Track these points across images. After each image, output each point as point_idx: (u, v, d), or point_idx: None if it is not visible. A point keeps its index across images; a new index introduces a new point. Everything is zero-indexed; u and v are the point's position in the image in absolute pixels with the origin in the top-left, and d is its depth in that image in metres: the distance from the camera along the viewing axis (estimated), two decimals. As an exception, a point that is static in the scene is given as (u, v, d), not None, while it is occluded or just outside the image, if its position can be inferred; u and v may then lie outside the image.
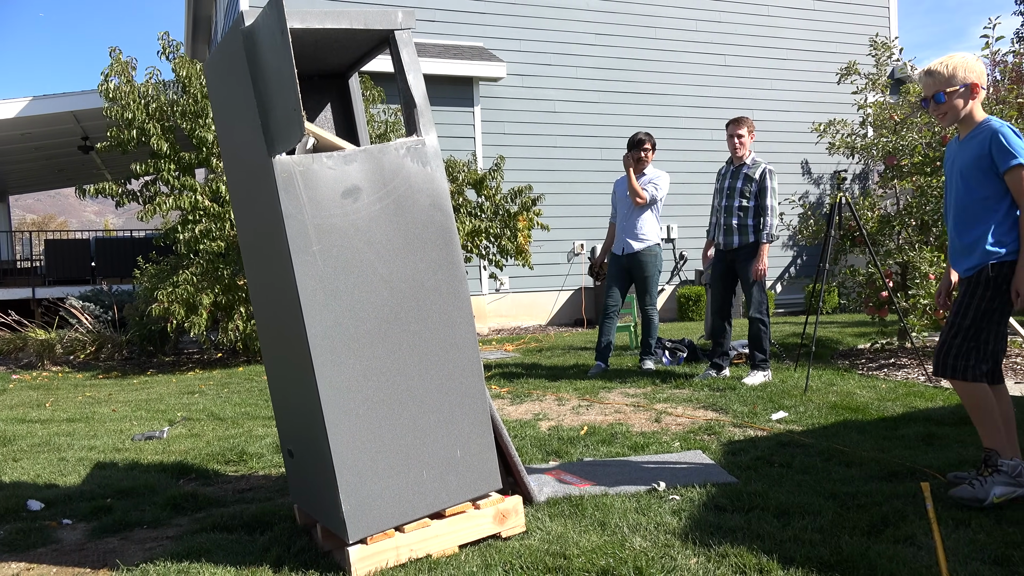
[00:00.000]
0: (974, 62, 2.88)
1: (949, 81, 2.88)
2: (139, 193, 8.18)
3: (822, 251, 5.73)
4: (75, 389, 7.10)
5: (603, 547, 2.58)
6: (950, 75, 2.87)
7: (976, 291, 2.88)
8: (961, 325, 2.90)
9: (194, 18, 15.49)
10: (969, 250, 2.93)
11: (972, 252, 2.91)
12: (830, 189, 13.37)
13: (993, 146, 2.82)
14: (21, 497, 3.46)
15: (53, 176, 19.11)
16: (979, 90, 2.88)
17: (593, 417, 4.74)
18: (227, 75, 2.66)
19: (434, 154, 2.70)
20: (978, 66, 2.88)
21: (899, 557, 2.40)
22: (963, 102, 2.89)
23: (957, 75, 2.86)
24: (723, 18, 12.82)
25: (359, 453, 2.50)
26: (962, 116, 2.92)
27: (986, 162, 2.84)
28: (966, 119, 2.93)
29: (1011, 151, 2.78)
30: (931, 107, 2.94)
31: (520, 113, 11.61)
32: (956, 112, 2.91)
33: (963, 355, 2.89)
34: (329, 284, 2.48)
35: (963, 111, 2.90)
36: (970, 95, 2.88)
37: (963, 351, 2.89)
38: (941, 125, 3.02)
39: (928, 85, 2.93)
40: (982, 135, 2.87)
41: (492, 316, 11.44)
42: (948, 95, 2.88)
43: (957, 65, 2.87)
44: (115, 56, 8.06)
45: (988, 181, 2.85)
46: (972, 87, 2.86)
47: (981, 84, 2.88)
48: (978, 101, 2.90)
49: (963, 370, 2.88)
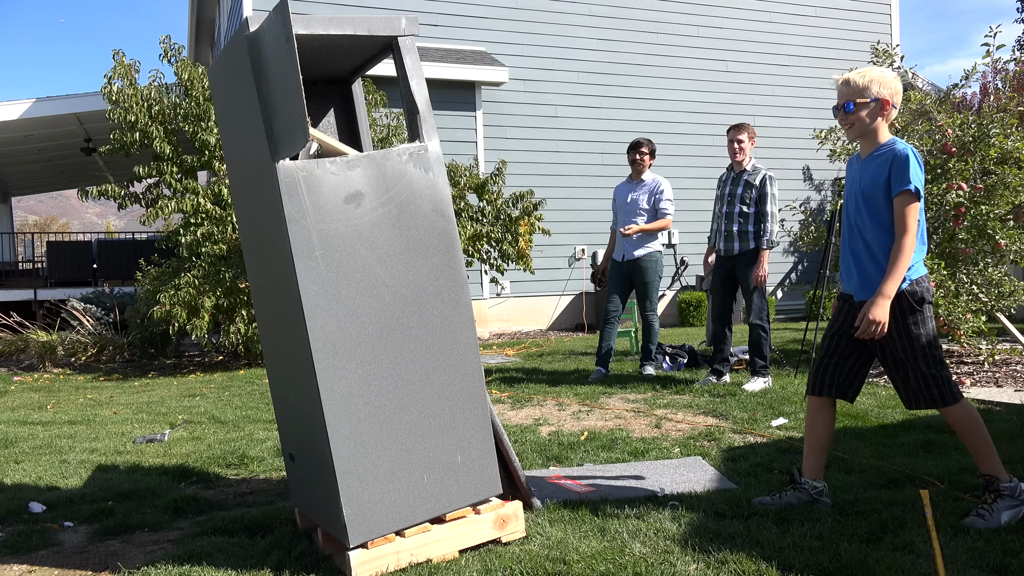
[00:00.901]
0: (891, 79, 2.84)
1: (862, 92, 2.83)
2: (142, 196, 8.20)
3: (823, 257, 5.74)
4: (76, 391, 7.11)
5: (603, 553, 2.58)
6: (864, 86, 2.83)
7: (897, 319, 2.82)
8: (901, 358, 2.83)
9: (197, 21, 15.54)
10: (870, 276, 2.88)
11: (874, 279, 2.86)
12: (831, 195, 13.39)
13: (893, 168, 2.78)
14: (23, 499, 3.47)
15: (55, 178, 19.16)
16: (889, 108, 2.83)
17: (593, 422, 4.75)
18: (231, 80, 2.67)
19: (436, 160, 2.72)
20: (894, 84, 2.84)
21: (898, 564, 2.41)
22: (871, 118, 2.85)
23: (871, 88, 2.82)
24: (725, 24, 12.86)
25: (360, 457, 2.51)
26: (867, 131, 2.88)
27: (886, 184, 2.81)
28: (870, 135, 2.88)
29: (907, 176, 2.75)
30: (840, 116, 2.91)
31: (522, 118, 11.63)
32: (863, 125, 2.87)
33: (936, 383, 2.81)
34: (331, 289, 2.49)
35: (869, 126, 2.86)
36: (879, 111, 2.83)
37: (934, 379, 2.81)
38: (847, 136, 2.98)
39: (841, 93, 2.90)
40: (884, 155, 2.83)
41: (493, 320, 11.45)
42: (857, 106, 2.84)
43: (873, 79, 2.83)
44: (118, 59, 8.08)
45: (888, 204, 2.82)
46: (883, 103, 2.82)
47: (892, 103, 2.83)
48: (886, 120, 2.86)
49: (939, 398, 2.82)
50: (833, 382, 2.97)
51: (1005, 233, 6.20)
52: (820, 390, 2.99)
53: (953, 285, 6.23)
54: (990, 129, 6.33)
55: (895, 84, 2.86)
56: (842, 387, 2.97)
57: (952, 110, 6.89)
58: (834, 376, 2.97)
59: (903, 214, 2.77)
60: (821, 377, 2.99)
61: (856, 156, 3.03)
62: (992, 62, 6.78)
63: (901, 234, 2.77)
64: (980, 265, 6.42)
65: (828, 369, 2.98)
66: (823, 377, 2.99)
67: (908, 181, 2.75)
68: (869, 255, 2.89)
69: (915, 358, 2.82)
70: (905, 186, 2.76)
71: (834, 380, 2.97)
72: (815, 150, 11.96)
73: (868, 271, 2.89)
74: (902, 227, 2.77)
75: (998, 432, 4.07)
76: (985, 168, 6.49)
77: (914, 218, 2.77)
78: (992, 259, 6.49)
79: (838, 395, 2.98)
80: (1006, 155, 6.37)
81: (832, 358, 2.98)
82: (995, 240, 6.20)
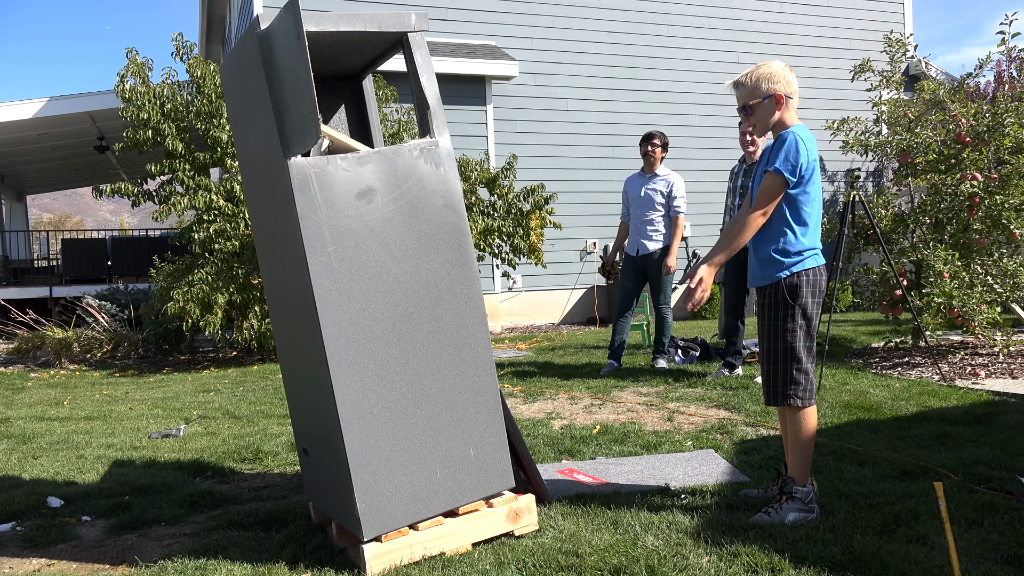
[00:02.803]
0: (779, 72, 2.79)
1: (752, 93, 2.80)
2: (155, 193, 8.25)
3: (836, 249, 5.71)
4: (92, 387, 7.18)
5: (615, 545, 2.59)
6: (753, 86, 2.80)
7: (774, 309, 2.80)
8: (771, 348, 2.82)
9: (208, 18, 15.59)
10: (756, 261, 2.87)
11: (761, 265, 2.84)
12: (844, 187, 13.31)
13: (772, 148, 2.76)
14: (41, 494, 3.51)
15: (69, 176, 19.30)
16: (784, 100, 2.78)
17: (606, 416, 4.76)
18: (243, 78, 2.69)
19: (447, 155, 2.72)
20: (782, 75, 2.79)
21: (911, 557, 2.40)
22: (768, 114, 2.80)
23: (760, 87, 2.79)
24: (736, 15, 12.78)
25: (374, 452, 2.52)
26: (770, 127, 2.84)
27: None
28: (778, 127, 2.84)
29: (778, 157, 2.71)
30: (743, 118, 2.89)
31: (533, 112, 11.62)
32: (764, 123, 2.83)
33: (791, 380, 2.80)
34: (344, 284, 2.51)
35: (771, 122, 2.82)
36: (775, 106, 2.79)
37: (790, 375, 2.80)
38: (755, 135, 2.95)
39: (737, 97, 2.86)
40: (776, 142, 2.78)
41: (505, 315, 11.46)
42: (752, 107, 2.81)
43: (760, 76, 2.79)
44: (131, 57, 8.13)
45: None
46: (776, 98, 2.78)
47: (786, 94, 2.78)
48: (787, 110, 2.80)
49: (792, 396, 2.80)
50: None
51: (1020, 223, 6.15)
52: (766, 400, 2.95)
53: (967, 276, 6.19)
54: (1005, 118, 6.27)
55: (784, 75, 2.80)
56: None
57: (966, 100, 6.83)
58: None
59: (762, 190, 2.75)
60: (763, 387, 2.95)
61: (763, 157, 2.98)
62: (1007, 50, 6.71)
63: (753, 208, 2.75)
64: (995, 256, 6.38)
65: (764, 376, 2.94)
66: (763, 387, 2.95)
67: (775, 162, 2.72)
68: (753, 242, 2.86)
69: (776, 351, 2.80)
70: (772, 165, 2.73)
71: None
72: (828, 141, 11.84)
73: (753, 258, 2.88)
74: (757, 203, 2.75)
75: (1013, 423, 4.05)
76: (1000, 158, 6.43)
77: (771, 199, 2.74)
78: (1007, 249, 6.43)
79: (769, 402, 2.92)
80: (1021, 144, 6.31)
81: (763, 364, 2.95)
82: (1010, 230, 6.15)
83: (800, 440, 2.81)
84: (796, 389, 2.80)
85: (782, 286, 2.79)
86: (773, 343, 2.82)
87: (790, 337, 2.79)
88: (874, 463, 3.47)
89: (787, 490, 2.80)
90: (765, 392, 2.88)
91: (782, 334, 2.80)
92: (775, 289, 2.81)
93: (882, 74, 7.14)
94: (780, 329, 2.80)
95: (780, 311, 2.80)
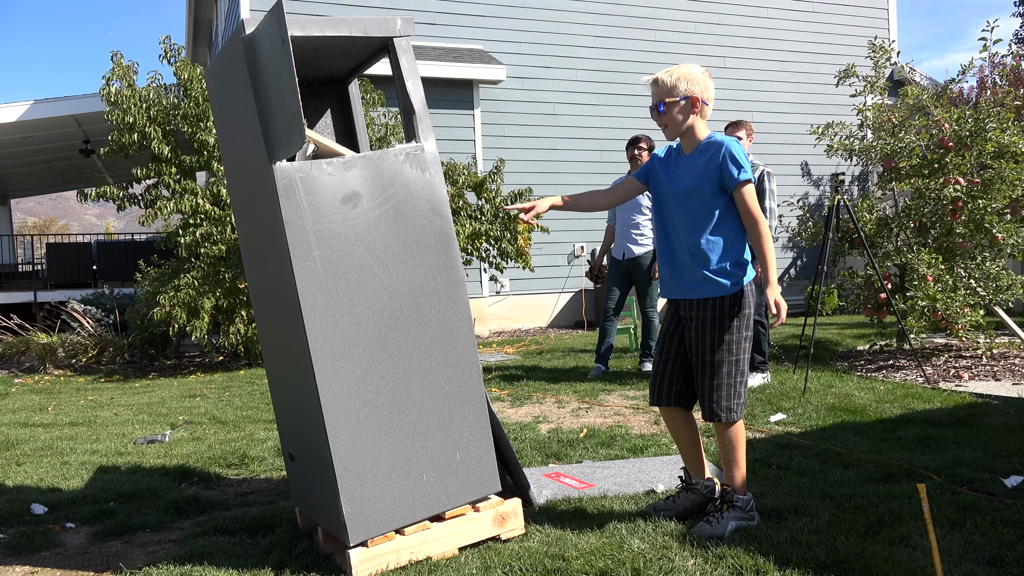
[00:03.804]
0: (699, 76, 2.77)
1: (670, 91, 2.76)
2: (140, 197, 8.21)
3: (821, 253, 5.75)
4: (77, 393, 7.13)
5: (601, 549, 2.60)
6: (672, 85, 2.76)
7: (723, 322, 2.77)
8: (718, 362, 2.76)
9: (195, 21, 15.54)
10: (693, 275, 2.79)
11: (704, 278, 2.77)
12: (829, 191, 13.40)
13: (726, 161, 2.71)
14: (25, 501, 3.49)
15: (54, 179, 19.16)
16: (700, 104, 2.76)
17: (593, 419, 4.77)
18: (228, 82, 2.69)
19: (433, 160, 2.73)
20: (703, 80, 2.77)
21: (894, 558, 2.42)
22: (683, 115, 2.77)
23: (679, 86, 2.75)
24: (722, 20, 12.85)
25: (359, 456, 2.52)
26: (683, 130, 2.80)
27: (716, 179, 2.74)
28: (688, 133, 2.81)
29: (743, 167, 2.70)
30: (654, 116, 2.84)
31: (520, 116, 11.64)
32: (676, 125, 2.80)
33: (735, 394, 2.77)
34: (329, 289, 2.51)
35: (684, 124, 2.79)
36: (691, 109, 2.76)
37: (735, 389, 2.77)
38: (665, 136, 2.91)
39: (653, 94, 2.82)
40: (711, 151, 2.76)
41: (492, 318, 11.46)
42: (668, 105, 2.77)
43: (680, 76, 2.75)
44: (116, 60, 8.09)
45: (716, 199, 2.76)
46: (693, 100, 2.75)
47: (703, 99, 2.76)
48: (700, 117, 2.79)
49: (735, 410, 2.78)
50: (671, 391, 2.90)
51: (1002, 227, 6.21)
52: (659, 400, 2.93)
53: (951, 279, 6.24)
54: (987, 123, 6.34)
55: (703, 80, 2.78)
56: (680, 395, 2.90)
57: (949, 105, 6.90)
58: (671, 385, 2.90)
59: (750, 203, 2.72)
60: (659, 388, 2.93)
61: (665, 156, 2.94)
62: (989, 56, 6.78)
63: (756, 222, 2.72)
64: (978, 259, 6.44)
65: (665, 378, 2.91)
66: (660, 387, 2.93)
67: (745, 171, 2.71)
68: (694, 254, 2.78)
69: (722, 364, 2.76)
70: (745, 176, 2.71)
71: (671, 389, 2.90)
72: (813, 145, 11.97)
73: (691, 270, 2.79)
74: (754, 216, 2.72)
75: (995, 425, 4.08)
76: (982, 162, 6.50)
77: (758, 205, 2.74)
78: (990, 253, 6.50)
79: (676, 404, 2.91)
80: (1003, 149, 6.38)
81: (665, 365, 2.92)
82: (992, 234, 6.21)
83: (736, 450, 2.80)
84: (738, 403, 2.78)
85: (737, 297, 2.75)
86: (719, 356, 2.76)
87: (738, 350, 2.77)
88: (858, 465, 3.49)
89: (728, 499, 2.79)
90: (708, 409, 2.79)
91: (734, 347, 2.76)
92: (726, 302, 2.75)
93: (866, 79, 7.20)
94: (731, 342, 2.75)
95: (729, 323, 2.75)
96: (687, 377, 2.89)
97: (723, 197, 2.76)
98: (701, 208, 2.77)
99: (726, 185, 2.73)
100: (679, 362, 2.89)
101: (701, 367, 2.79)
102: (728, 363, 2.76)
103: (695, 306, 2.80)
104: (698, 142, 2.81)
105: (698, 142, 2.81)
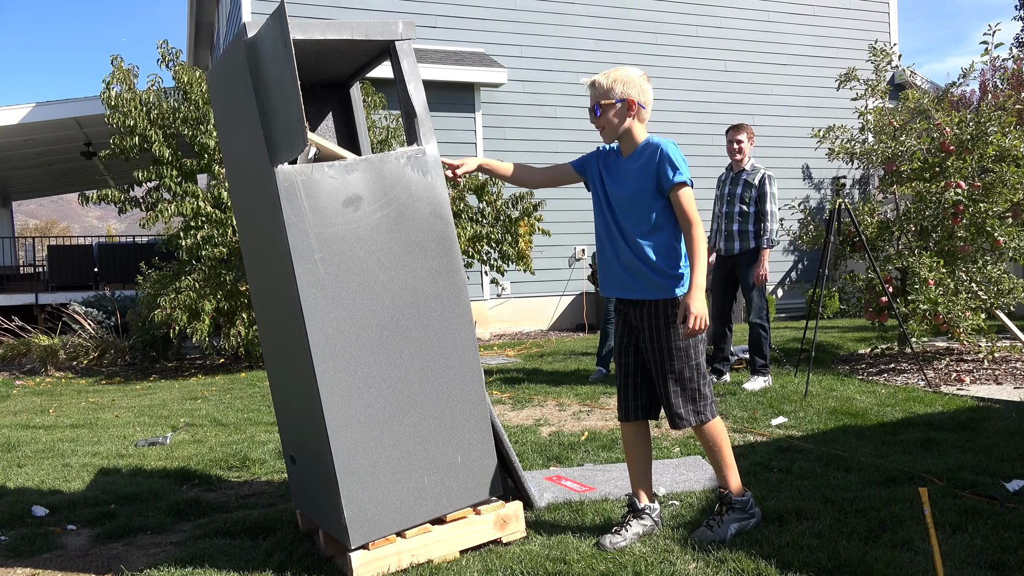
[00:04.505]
0: (637, 78, 2.74)
1: (606, 94, 2.73)
2: (142, 199, 8.22)
3: (822, 256, 5.75)
4: (78, 395, 7.13)
5: (603, 552, 2.60)
6: (608, 88, 2.72)
7: (675, 330, 2.72)
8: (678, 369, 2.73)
9: (196, 25, 15.56)
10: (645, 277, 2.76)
11: (650, 281, 2.75)
12: (830, 194, 13.40)
13: (662, 163, 2.70)
14: (26, 503, 3.49)
15: (56, 182, 19.18)
16: (636, 107, 2.73)
17: (594, 423, 4.76)
18: (230, 85, 2.69)
19: (434, 163, 2.73)
20: (639, 83, 2.74)
21: (896, 562, 2.42)
22: (619, 118, 2.74)
23: (615, 89, 2.72)
24: (724, 24, 12.87)
25: (361, 459, 2.52)
26: (620, 133, 2.78)
27: (654, 181, 2.72)
28: (625, 136, 2.79)
29: (679, 169, 2.69)
30: (592, 118, 2.81)
31: (521, 119, 11.65)
32: (613, 127, 2.76)
33: (701, 396, 2.76)
34: (331, 292, 2.51)
35: (620, 127, 2.76)
36: (627, 112, 2.73)
37: (699, 391, 2.76)
38: (602, 139, 2.88)
39: (591, 96, 2.79)
40: (648, 153, 2.74)
41: (494, 321, 11.46)
42: (603, 108, 2.74)
43: (617, 79, 2.72)
44: (117, 64, 8.10)
45: (656, 201, 2.73)
46: (629, 103, 2.72)
47: (640, 102, 2.73)
48: (638, 120, 2.76)
49: (703, 411, 2.76)
50: (638, 404, 2.86)
51: (1004, 231, 6.21)
52: (628, 416, 2.87)
53: (952, 283, 6.24)
54: (988, 127, 6.34)
55: (641, 83, 2.75)
56: (647, 407, 2.86)
57: (950, 108, 6.90)
58: (635, 399, 2.86)
59: (686, 205, 2.70)
60: (625, 403, 2.87)
61: (604, 154, 2.91)
62: (991, 60, 6.79)
63: (690, 225, 2.69)
64: (979, 263, 6.43)
65: (629, 392, 2.86)
66: (627, 403, 2.87)
67: (681, 173, 2.70)
68: (639, 257, 2.75)
69: (683, 369, 2.73)
70: (681, 177, 2.70)
71: (637, 403, 2.86)
72: (814, 148, 11.96)
73: (642, 272, 2.76)
74: (689, 218, 2.69)
75: (997, 429, 4.08)
76: (983, 166, 6.50)
77: (695, 207, 2.71)
78: (991, 257, 6.49)
79: (644, 416, 2.86)
80: (1004, 153, 6.38)
81: (627, 380, 2.87)
82: (994, 238, 6.21)
83: (721, 449, 2.78)
84: (705, 404, 2.76)
85: (684, 301, 2.68)
86: (677, 363, 2.73)
87: (696, 353, 2.75)
88: (860, 469, 3.49)
89: (726, 502, 2.78)
90: (674, 416, 2.75)
91: (691, 351, 2.74)
92: (674, 304, 2.73)
93: (867, 83, 7.20)
94: (687, 347, 2.73)
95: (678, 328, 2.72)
96: (650, 388, 2.86)
97: (662, 199, 2.75)
98: (644, 210, 2.75)
99: (662, 187, 2.72)
100: (639, 374, 2.85)
101: (661, 376, 2.76)
102: (688, 368, 2.74)
103: (645, 315, 2.77)
104: (636, 145, 2.80)
105: (636, 145, 2.80)
